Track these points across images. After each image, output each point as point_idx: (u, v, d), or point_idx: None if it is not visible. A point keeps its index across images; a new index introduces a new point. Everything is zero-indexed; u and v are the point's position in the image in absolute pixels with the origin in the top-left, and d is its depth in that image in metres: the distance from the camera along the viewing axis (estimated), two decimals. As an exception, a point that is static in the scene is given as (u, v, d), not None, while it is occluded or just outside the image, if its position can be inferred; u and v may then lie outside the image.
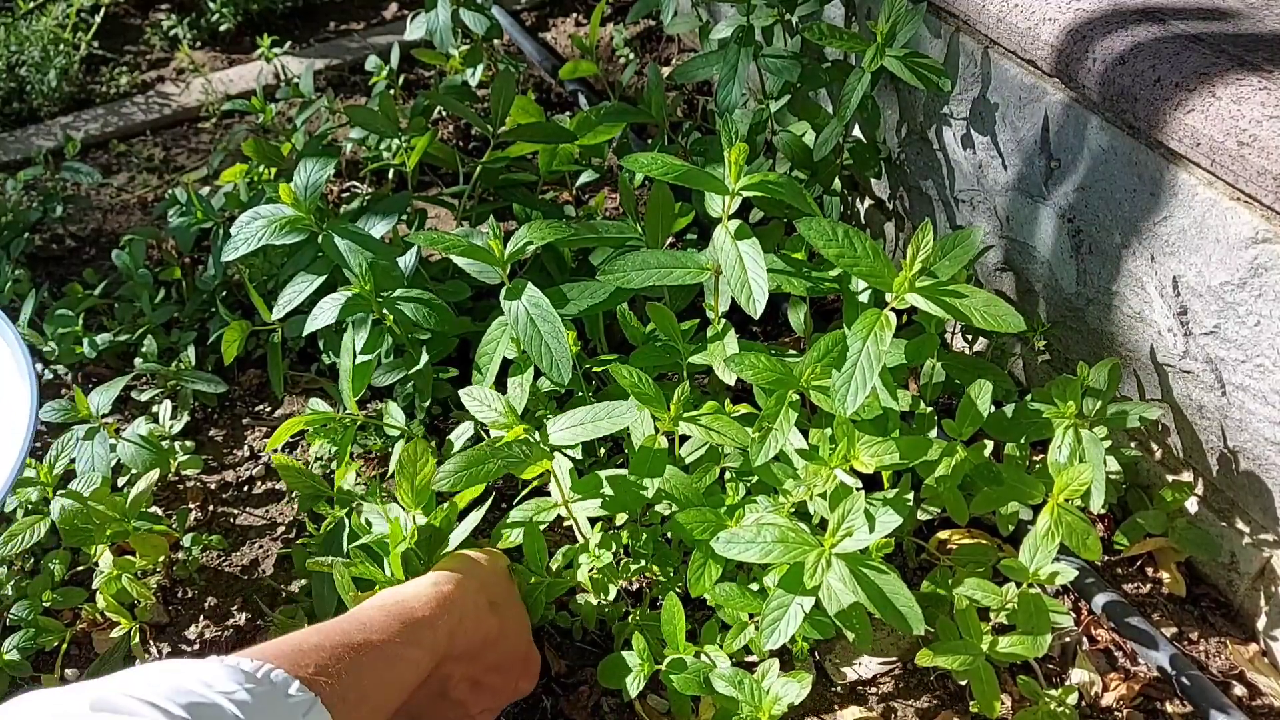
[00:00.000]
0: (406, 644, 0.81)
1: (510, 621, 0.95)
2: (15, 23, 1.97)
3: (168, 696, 0.63)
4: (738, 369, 0.97)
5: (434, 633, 0.84)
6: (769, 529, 0.89)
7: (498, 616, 0.92)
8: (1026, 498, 1.01)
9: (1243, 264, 0.90)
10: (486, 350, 1.11)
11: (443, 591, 0.88)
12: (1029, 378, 1.28)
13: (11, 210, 1.64)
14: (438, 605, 0.87)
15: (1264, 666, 1.03)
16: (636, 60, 1.89)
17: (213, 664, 0.69)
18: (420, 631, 0.83)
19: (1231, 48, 0.94)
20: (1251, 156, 0.85)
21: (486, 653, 0.92)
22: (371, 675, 0.77)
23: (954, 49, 1.17)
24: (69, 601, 1.12)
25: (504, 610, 0.94)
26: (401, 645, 0.80)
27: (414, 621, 0.83)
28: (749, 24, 1.26)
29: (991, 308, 0.92)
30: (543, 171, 1.47)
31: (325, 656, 0.74)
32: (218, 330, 1.31)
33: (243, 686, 0.67)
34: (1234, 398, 0.97)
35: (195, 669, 0.68)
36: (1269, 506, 0.99)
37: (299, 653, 0.73)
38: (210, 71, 2.06)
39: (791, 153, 1.30)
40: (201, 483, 1.29)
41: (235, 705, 0.65)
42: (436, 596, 0.87)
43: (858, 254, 0.94)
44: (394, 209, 1.24)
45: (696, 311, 1.19)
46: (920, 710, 1.01)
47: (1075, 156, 1.06)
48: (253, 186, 1.49)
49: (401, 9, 2.26)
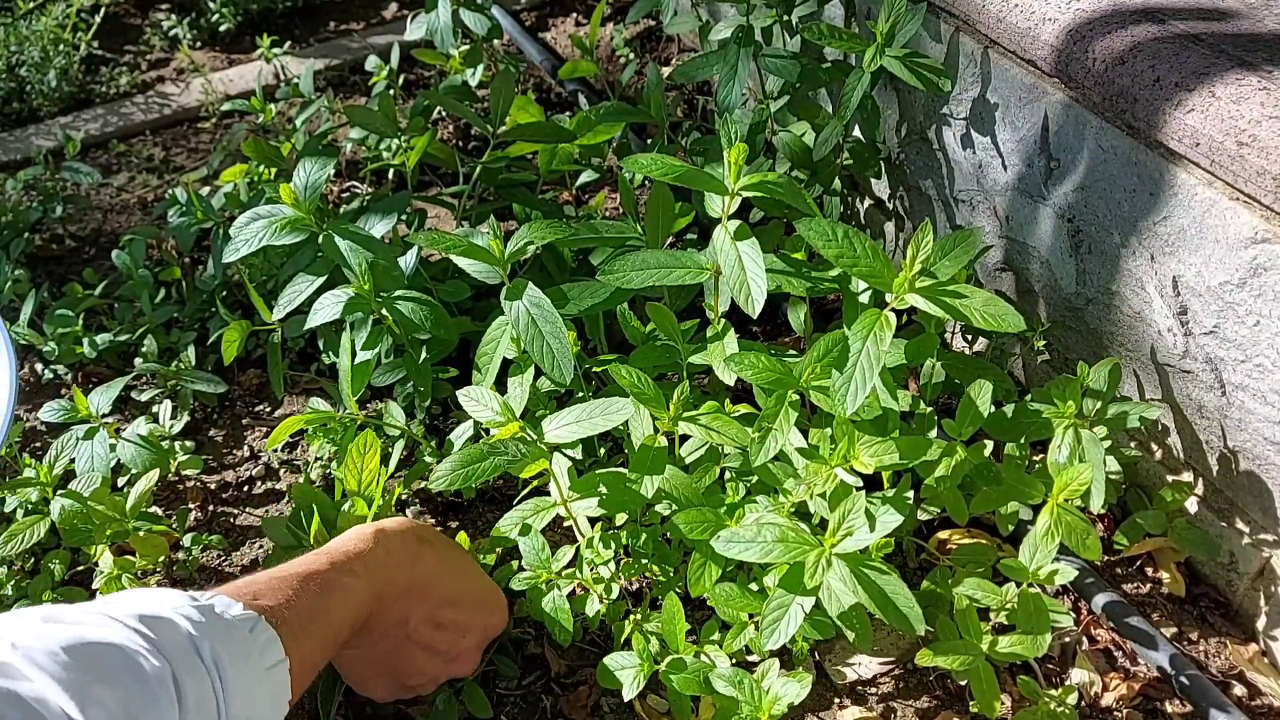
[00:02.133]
0: (339, 572, 0.85)
1: (448, 556, 0.97)
2: (15, 23, 1.97)
3: (124, 610, 0.68)
4: (738, 369, 0.97)
5: (364, 562, 0.88)
6: (769, 529, 0.89)
7: (430, 548, 0.95)
8: (1026, 498, 1.01)
9: (1242, 264, 0.90)
10: (486, 350, 1.11)
11: (365, 531, 0.93)
12: (1029, 378, 1.28)
13: (11, 210, 1.64)
14: (362, 540, 0.91)
15: (1264, 666, 1.03)
16: (636, 60, 1.89)
17: (165, 591, 0.74)
18: (351, 562, 0.87)
19: (1231, 48, 0.94)
20: (1251, 156, 0.85)
21: (431, 587, 0.93)
22: (309, 599, 0.81)
23: (954, 49, 1.17)
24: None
25: (437, 545, 0.97)
26: (335, 573, 0.85)
27: (343, 553, 0.88)
28: (749, 24, 1.26)
29: (991, 308, 0.92)
30: (543, 171, 1.47)
31: (262, 586, 0.80)
32: (218, 330, 1.31)
33: (193, 606, 0.72)
34: (1234, 397, 0.97)
35: (150, 592, 0.73)
36: (1269, 506, 0.99)
37: (238, 586, 0.79)
38: (210, 71, 2.06)
39: (791, 153, 1.30)
40: (201, 483, 1.29)
41: (188, 622, 0.70)
42: (361, 534, 0.92)
43: (858, 254, 0.94)
44: (394, 209, 1.24)
45: (697, 311, 1.19)
46: (920, 710, 1.01)
47: (1075, 156, 1.06)
48: (253, 186, 1.49)
49: (401, 9, 2.26)
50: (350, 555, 0.88)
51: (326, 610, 0.82)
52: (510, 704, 1.04)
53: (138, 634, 0.66)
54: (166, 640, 0.67)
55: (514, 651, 1.07)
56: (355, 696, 1.02)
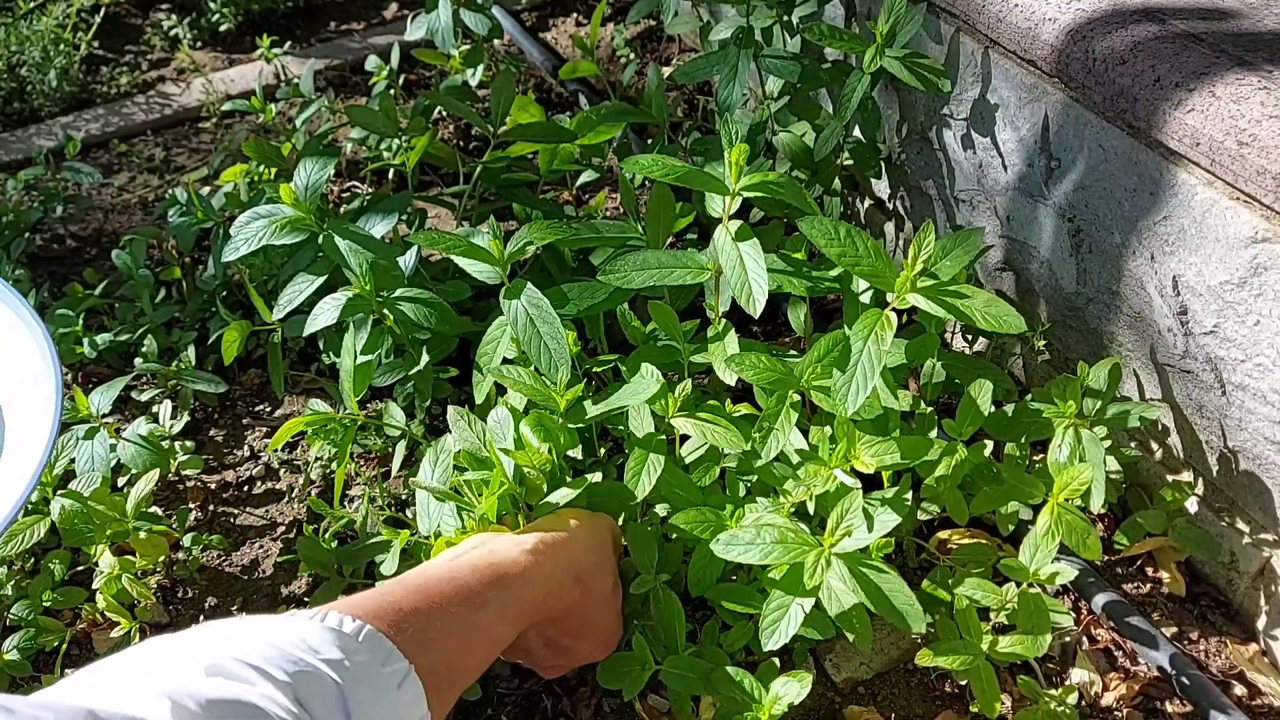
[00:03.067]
0: (495, 619, 0.78)
1: (597, 594, 0.92)
2: (16, 23, 1.98)
3: (274, 662, 0.62)
4: (738, 369, 0.97)
5: (519, 607, 0.82)
6: (769, 529, 0.89)
7: (581, 591, 0.90)
8: (1026, 497, 1.01)
9: (1242, 263, 0.90)
10: (486, 350, 1.11)
11: (535, 560, 0.84)
12: (1029, 377, 1.28)
13: (12, 210, 1.64)
14: (527, 571, 0.83)
15: (1264, 666, 1.03)
16: (637, 60, 1.89)
17: (310, 623, 0.67)
18: (507, 604, 0.80)
19: (1231, 47, 0.94)
20: (1251, 156, 0.85)
21: (566, 620, 0.90)
22: (460, 645, 0.75)
23: (954, 49, 1.17)
24: (69, 601, 1.12)
25: (593, 583, 0.91)
26: (491, 619, 0.78)
27: (504, 586, 0.80)
28: (749, 24, 1.26)
29: (992, 308, 0.92)
30: (543, 171, 1.47)
31: (421, 620, 0.72)
32: (218, 330, 1.31)
33: (340, 649, 0.65)
34: (1234, 397, 0.97)
35: (293, 628, 0.66)
36: (1269, 506, 0.99)
37: (397, 612, 0.71)
38: (211, 71, 2.06)
39: (792, 153, 1.30)
40: (201, 483, 1.29)
41: (335, 672, 0.64)
42: (528, 564, 0.84)
43: (860, 254, 0.94)
44: (394, 209, 1.24)
45: (697, 311, 1.19)
46: (920, 710, 1.01)
47: (1075, 156, 1.06)
48: (253, 186, 1.49)
49: (402, 9, 2.26)
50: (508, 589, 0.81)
51: (472, 659, 0.77)
52: (511, 704, 1.04)
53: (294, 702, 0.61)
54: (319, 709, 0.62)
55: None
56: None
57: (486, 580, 0.80)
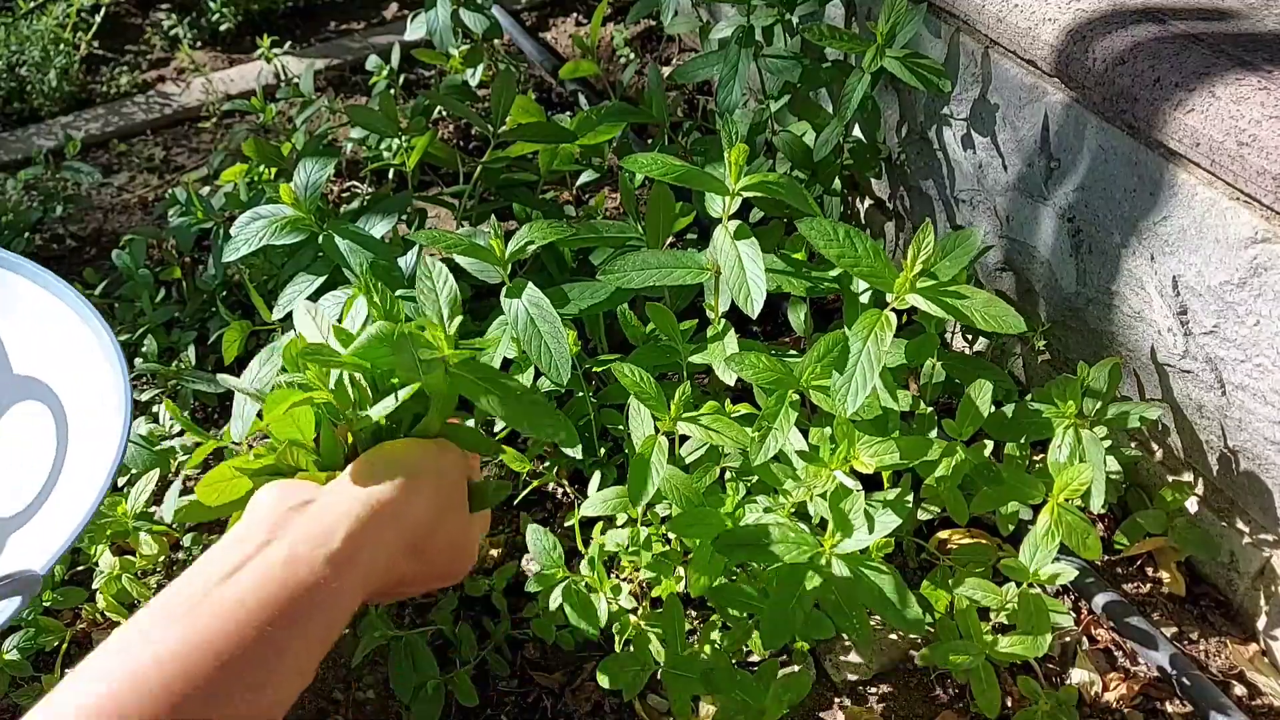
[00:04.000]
0: (285, 681, 0.56)
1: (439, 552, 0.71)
2: (16, 22, 1.98)
3: None
4: (738, 369, 0.97)
5: (325, 633, 0.59)
6: (769, 529, 0.89)
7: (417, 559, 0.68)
8: (1026, 497, 1.01)
9: (1242, 264, 0.90)
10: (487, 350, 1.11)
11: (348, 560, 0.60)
12: (1029, 377, 1.28)
13: (12, 210, 1.64)
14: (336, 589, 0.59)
15: (1264, 666, 1.03)
16: (637, 60, 1.89)
17: None
18: (302, 650, 0.58)
19: (1231, 48, 0.94)
20: (1251, 156, 0.85)
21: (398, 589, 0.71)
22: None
23: (954, 49, 1.17)
24: (69, 601, 1.12)
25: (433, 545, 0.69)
26: (278, 690, 0.56)
27: (300, 622, 0.57)
28: (749, 24, 1.26)
29: (992, 309, 0.92)
30: (543, 171, 1.47)
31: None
32: (218, 330, 1.31)
33: None
34: (1234, 397, 0.97)
35: None
36: (1269, 506, 0.99)
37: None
38: (210, 71, 2.06)
39: (791, 153, 1.30)
40: (202, 482, 1.29)
41: None
42: (334, 573, 0.59)
43: (859, 254, 0.94)
44: (394, 209, 1.24)
45: (697, 311, 1.19)
46: (920, 710, 1.01)
47: (1075, 156, 1.06)
48: (253, 186, 1.49)
49: (402, 9, 2.26)
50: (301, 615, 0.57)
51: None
52: (510, 703, 1.04)
53: None
54: None
55: (511, 653, 1.07)
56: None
57: (276, 625, 0.56)
